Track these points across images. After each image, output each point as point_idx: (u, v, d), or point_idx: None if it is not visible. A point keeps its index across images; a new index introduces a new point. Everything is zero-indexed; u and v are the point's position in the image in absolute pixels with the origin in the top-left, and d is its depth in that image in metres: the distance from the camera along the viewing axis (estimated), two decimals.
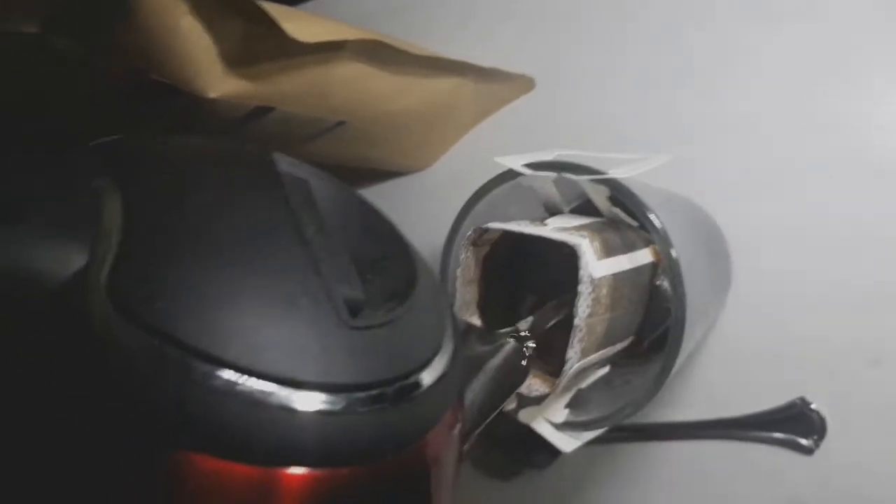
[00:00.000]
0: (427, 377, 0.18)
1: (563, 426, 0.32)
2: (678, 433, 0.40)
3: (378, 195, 0.48)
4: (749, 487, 0.38)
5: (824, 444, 0.37)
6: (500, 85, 0.44)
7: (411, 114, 0.41)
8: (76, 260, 0.16)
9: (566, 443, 0.32)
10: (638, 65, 0.41)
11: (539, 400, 0.31)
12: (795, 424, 0.37)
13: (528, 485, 0.44)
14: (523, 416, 0.32)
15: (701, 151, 0.39)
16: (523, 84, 0.44)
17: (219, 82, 0.30)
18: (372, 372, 0.17)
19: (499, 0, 0.46)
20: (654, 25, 0.41)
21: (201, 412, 0.15)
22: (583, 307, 0.28)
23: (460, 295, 0.33)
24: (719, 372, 0.39)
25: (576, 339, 0.28)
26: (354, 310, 0.18)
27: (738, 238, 0.38)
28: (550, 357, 0.30)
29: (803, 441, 0.37)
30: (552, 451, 0.37)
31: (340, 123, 0.38)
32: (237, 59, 0.30)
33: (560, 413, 0.33)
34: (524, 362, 0.27)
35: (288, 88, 0.33)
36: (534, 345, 0.28)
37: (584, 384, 0.34)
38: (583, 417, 0.32)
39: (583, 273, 0.28)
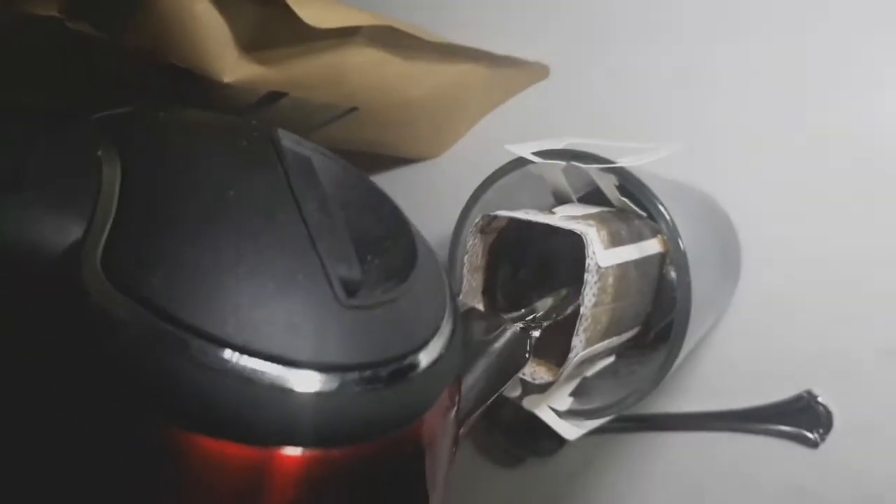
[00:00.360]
0: (423, 358, 0.18)
1: (566, 414, 0.32)
2: (683, 424, 0.40)
3: (389, 182, 0.48)
4: (753, 480, 0.38)
5: (830, 437, 0.36)
6: (514, 72, 0.44)
7: (424, 101, 0.41)
8: (74, 230, 0.16)
9: (569, 431, 0.32)
10: (652, 55, 0.41)
11: (543, 388, 0.31)
12: (802, 417, 0.37)
13: (532, 473, 0.44)
14: (528, 403, 0.32)
15: (714, 143, 0.39)
16: (537, 72, 0.44)
17: (233, 67, 0.30)
18: (367, 352, 0.17)
19: None
20: (669, 16, 0.41)
21: (195, 389, 0.15)
22: (588, 296, 0.28)
23: (466, 282, 0.33)
24: (726, 363, 0.39)
25: (581, 328, 0.28)
26: (351, 289, 0.18)
27: (749, 229, 0.38)
28: (555, 345, 0.30)
29: (809, 434, 0.37)
30: (557, 440, 0.37)
31: (352, 110, 0.38)
32: (251, 44, 0.30)
33: (564, 401, 0.33)
34: (527, 348, 0.27)
35: (301, 74, 0.33)
36: (537, 332, 0.28)
37: (590, 373, 0.34)
38: (587, 406, 0.32)
39: (589, 262, 0.28)
